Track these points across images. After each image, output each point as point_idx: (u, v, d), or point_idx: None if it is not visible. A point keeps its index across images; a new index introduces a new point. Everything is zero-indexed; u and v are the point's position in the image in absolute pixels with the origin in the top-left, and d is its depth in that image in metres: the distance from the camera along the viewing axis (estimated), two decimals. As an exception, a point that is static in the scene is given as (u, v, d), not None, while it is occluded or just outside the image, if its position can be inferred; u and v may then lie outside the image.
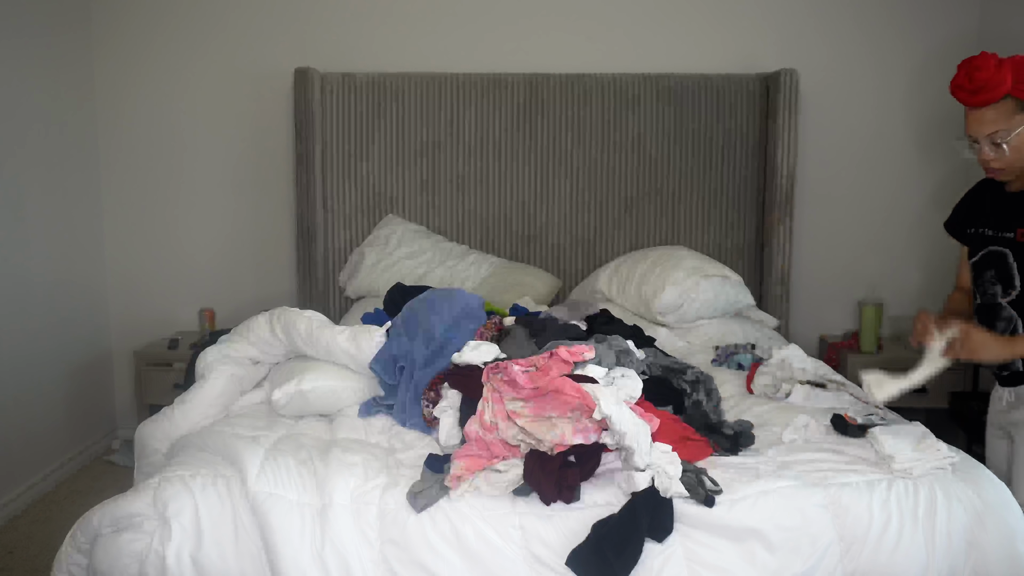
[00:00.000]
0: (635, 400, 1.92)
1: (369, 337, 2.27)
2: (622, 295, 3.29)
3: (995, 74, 1.89)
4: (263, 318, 2.41)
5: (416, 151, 3.64)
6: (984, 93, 1.91)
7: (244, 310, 3.66)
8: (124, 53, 3.75)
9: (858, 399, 2.36)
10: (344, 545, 1.70)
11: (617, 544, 1.64)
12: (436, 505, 1.73)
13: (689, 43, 3.72)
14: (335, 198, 3.65)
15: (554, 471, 1.73)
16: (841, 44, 3.69)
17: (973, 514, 1.74)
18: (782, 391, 2.35)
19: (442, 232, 3.69)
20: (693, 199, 3.66)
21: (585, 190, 3.66)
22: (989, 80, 1.89)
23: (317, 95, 3.53)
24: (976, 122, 1.96)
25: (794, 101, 3.46)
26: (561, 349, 1.98)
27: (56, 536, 1.85)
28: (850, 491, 1.75)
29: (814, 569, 1.70)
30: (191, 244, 3.85)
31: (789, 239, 3.52)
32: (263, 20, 3.72)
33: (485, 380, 1.93)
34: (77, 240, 3.64)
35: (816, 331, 3.83)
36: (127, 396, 3.90)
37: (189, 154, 3.80)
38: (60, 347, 3.50)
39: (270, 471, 1.81)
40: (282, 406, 2.20)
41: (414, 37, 3.72)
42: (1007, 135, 1.92)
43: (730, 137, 3.62)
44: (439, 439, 2.01)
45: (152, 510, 1.73)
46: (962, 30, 3.66)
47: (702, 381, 2.17)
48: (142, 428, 2.27)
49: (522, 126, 3.63)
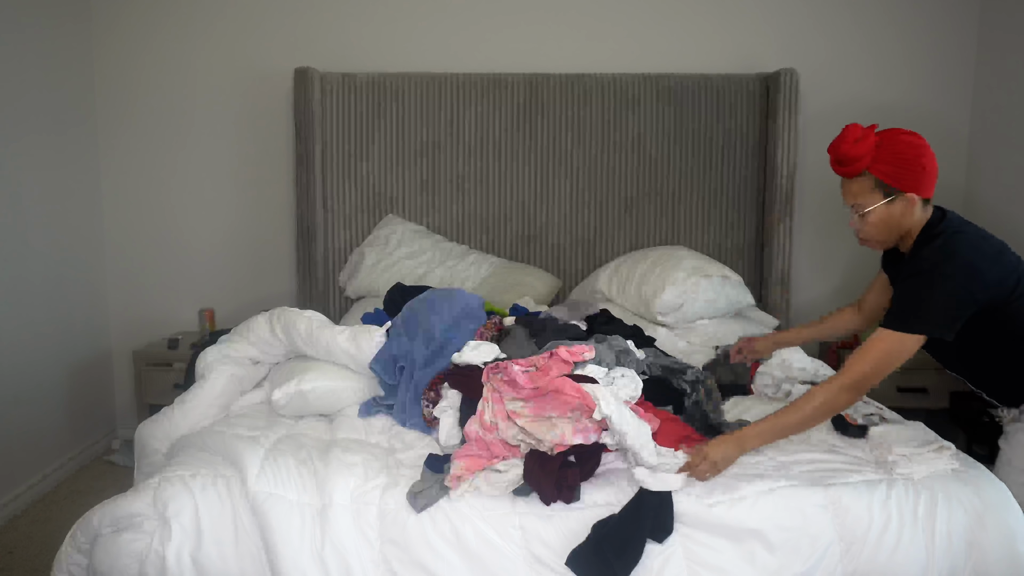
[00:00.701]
0: (635, 400, 1.92)
1: (369, 337, 2.27)
2: (622, 295, 3.29)
3: (853, 148, 1.92)
4: (263, 318, 2.41)
5: (416, 151, 3.64)
6: (847, 166, 1.95)
7: (244, 310, 3.66)
8: (124, 53, 3.75)
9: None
10: (344, 545, 1.70)
11: (618, 545, 1.64)
12: (436, 505, 1.73)
13: (689, 43, 3.72)
14: (335, 198, 3.65)
15: (554, 471, 1.73)
16: (841, 44, 3.69)
17: (973, 514, 1.74)
18: (782, 391, 2.35)
19: (442, 232, 3.69)
20: (693, 199, 3.66)
21: (585, 190, 3.66)
22: (848, 154, 1.93)
23: (317, 95, 3.53)
24: (844, 190, 2.01)
25: (794, 101, 3.46)
26: (561, 349, 1.98)
27: (56, 536, 1.85)
28: (850, 491, 1.75)
29: (814, 569, 1.70)
30: (191, 244, 3.85)
31: (789, 239, 3.52)
32: (263, 20, 3.72)
33: (485, 380, 1.94)
34: (77, 240, 3.64)
35: (816, 331, 3.82)
36: (127, 396, 3.90)
37: (189, 154, 3.80)
38: (60, 347, 3.50)
39: (270, 471, 1.81)
40: (282, 406, 2.20)
41: (414, 37, 3.72)
42: (863, 208, 1.96)
43: (730, 137, 3.63)
44: (439, 439, 2.01)
45: (152, 510, 1.73)
46: (962, 30, 3.67)
47: (702, 381, 2.17)
48: (142, 428, 2.27)
49: (522, 126, 3.63)
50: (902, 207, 1.95)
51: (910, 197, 1.94)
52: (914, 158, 1.93)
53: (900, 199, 1.94)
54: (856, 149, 1.92)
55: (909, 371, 3.43)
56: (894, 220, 1.96)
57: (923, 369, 3.38)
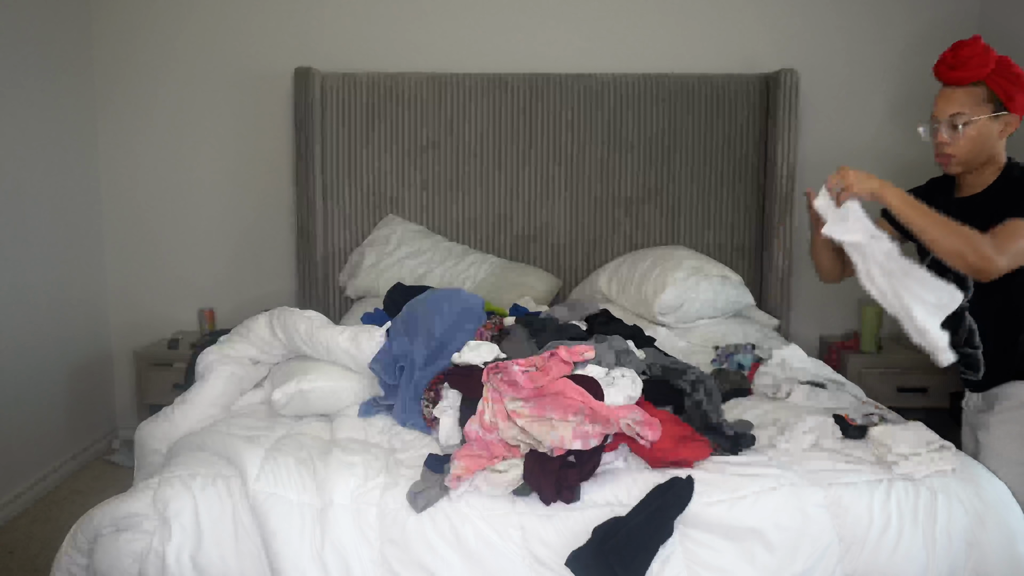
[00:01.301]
0: (635, 400, 1.92)
1: (369, 337, 2.27)
2: (622, 295, 3.29)
3: (980, 55, 1.90)
4: (263, 318, 2.41)
5: (416, 151, 3.64)
6: (962, 70, 1.92)
7: (244, 310, 3.66)
8: (124, 52, 3.75)
9: (858, 400, 2.36)
10: (344, 545, 1.70)
11: (627, 558, 1.62)
12: (436, 505, 1.73)
13: (689, 43, 3.72)
14: (335, 198, 3.65)
15: (554, 471, 1.73)
16: (841, 44, 3.69)
17: (973, 514, 1.74)
18: (782, 391, 2.35)
19: (442, 232, 3.69)
20: (693, 199, 3.66)
21: (585, 190, 3.66)
22: (971, 59, 1.90)
23: (317, 95, 3.53)
24: (944, 100, 1.98)
25: (794, 101, 3.46)
26: (561, 349, 1.98)
27: (56, 536, 1.85)
28: (850, 491, 1.75)
29: (814, 569, 1.70)
30: (191, 244, 3.85)
31: (789, 239, 3.53)
32: (263, 20, 3.72)
33: (485, 380, 1.93)
34: (77, 240, 3.64)
35: (816, 331, 3.83)
36: (127, 396, 3.90)
37: (189, 153, 3.80)
38: (60, 347, 3.50)
39: (270, 471, 1.81)
40: (282, 406, 2.20)
41: (414, 37, 3.72)
42: (966, 119, 1.94)
43: (730, 137, 3.63)
44: (439, 439, 2.01)
45: (152, 510, 1.73)
46: (962, 30, 3.66)
47: (702, 381, 2.17)
48: (142, 428, 2.27)
49: (522, 126, 3.63)
50: (1002, 126, 1.95)
51: (1012, 118, 1.94)
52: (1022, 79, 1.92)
53: (1004, 117, 1.94)
54: (984, 56, 1.90)
55: (909, 371, 3.43)
56: (991, 139, 1.95)
57: (923, 369, 3.38)
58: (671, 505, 1.70)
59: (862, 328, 3.54)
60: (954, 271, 1.98)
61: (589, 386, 1.86)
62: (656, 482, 1.74)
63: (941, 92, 2.00)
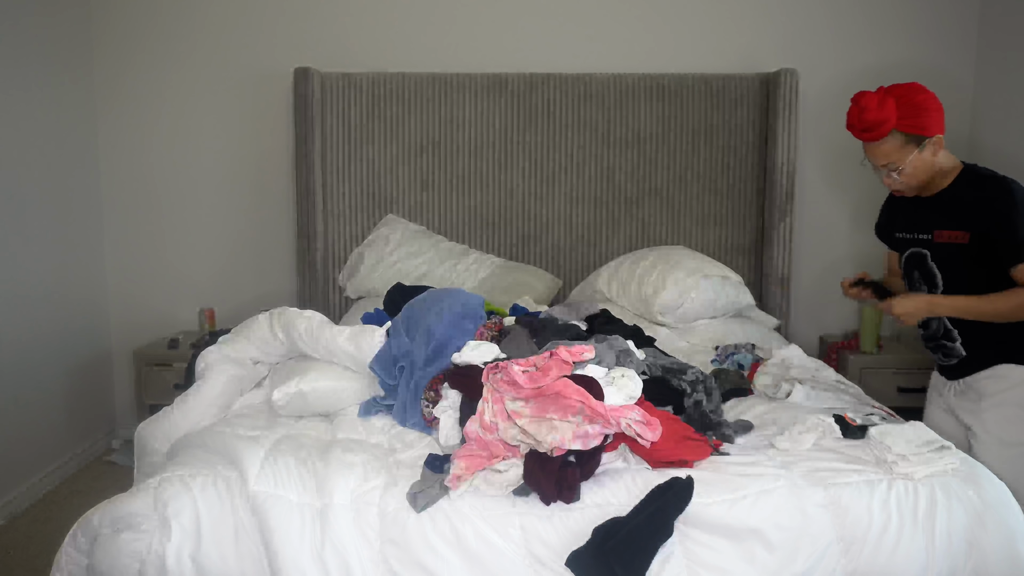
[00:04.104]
0: (635, 400, 1.92)
1: (369, 337, 2.27)
2: (622, 295, 3.29)
3: (878, 113, 2.05)
4: (263, 318, 2.41)
5: (416, 151, 3.64)
6: (872, 131, 2.08)
7: (244, 310, 3.66)
8: (124, 53, 3.75)
9: (858, 400, 2.36)
10: (344, 545, 1.70)
11: (627, 558, 1.62)
12: (436, 505, 1.73)
13: (689, 43, 3.72)
14: (335, 198, 3.65)
15: (554, 471, 1.73)
16: (841, 44, 3.69)
17: (973, 514, 1.74)
18: (782, 391, 2.35)
19: (442, 232, 3.69)
20: (693, 199, 3.66)
21: (585, 190, 3.66)
22: (873, 120, 2.06)
23: (317, 95, 3.53)
24: (871, 154, 2.15)
25: (794, 101, 3.46)
26: (561, 349, 1.98)
27: (56, 536, 1.85)
28: (850, 491, 1.75)
29: (814, 569, 1.70)
30: (191, 244, 3.85)
31: (789, 239, 3.53)
32: (263, 20, 3.72)
33: (485, 380, 1.93)
34: (77, 240, 3.64)
35: (816, 331, 3.83)
36: (127, 396, 3.90)
37: (189, 154, 3.80)
38: (60, 347, 3.50)
39: (270, 471, 1.81)
40: (282, 406, 2.20)
41: (414, 37, 3.72)
42: (898, 166, 2.11)
43: (730, 137, 3.63)
44: (439, 439, 2.01)
45: (152, 510, 1.73)
46: (962, 29, 3.67)
47: (702, 381, 2.17)
48: (142, 428, 2.27)
49: (522, 126, 3.63)
50: (932, 149, 2.11)
51: (936, 139, 2.10)
52: (927, 102, 2.08)
53: (928, 143, 2.09)
54: (881, 113, 2.05)
55: (909, 371, 3.43)
56: (928, 163, 2.12)
57: (923, 369, 3.38)
58: (671, 505, 1.70)
59: (862, 328, 3.54)
60: (921, 271, 2.22)
61: (589, 386, 1.86)
62: (656, 482, 1.74)
63: (866, 147, 2.16)
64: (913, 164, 2.11)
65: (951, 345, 2.24)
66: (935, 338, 2.27)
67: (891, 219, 2.38)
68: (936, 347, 2.29)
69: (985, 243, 2.08)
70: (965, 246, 2.11)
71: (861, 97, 2.08)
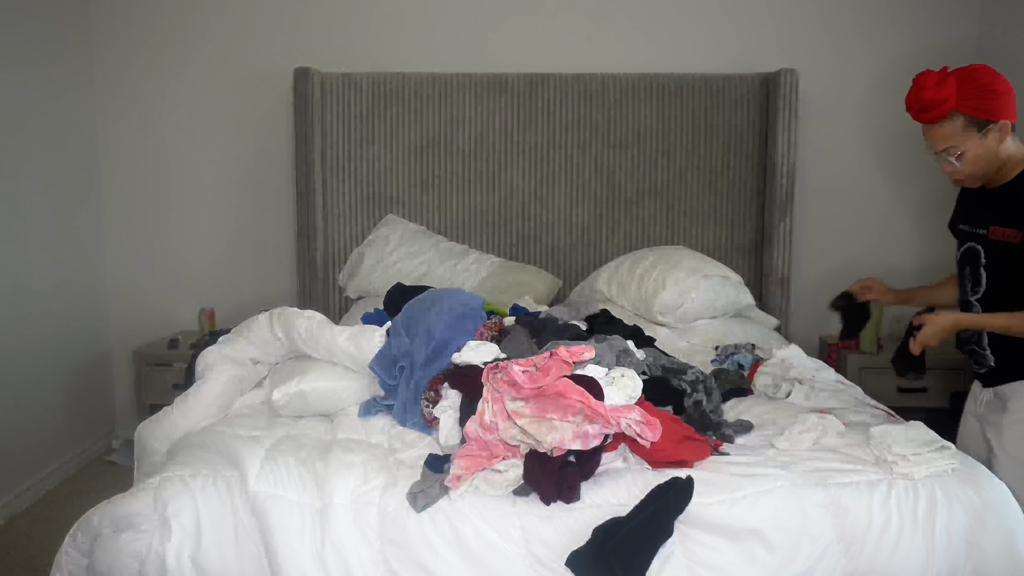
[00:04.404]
0: (635, 400, 1.92)
1: (369, 337, 2.27)
2: (622, 295, 3.29)
3: (936, 92, 1.95)
4: (263, 318, 2.41)
5: (416, 151, 3.64)
6: (930, 111, 1.97)
7: (244, 310, 3.65)
8: (124, 53, 3.75)
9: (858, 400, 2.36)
10: (344, 545, 1.70)
11: (626, 558, 1.62)
12: (436, 505, 1.73)
13: (689, 43, 3.72)
14: (335, 198, 3.65)
15: (554, 471, 1.73)
16: (841, 44, 3.69)
17: (973, 514, 1.74)
18: (782, 391, 2.35)
19: (442, 232, 3.69)
20: (693, 199, 3.66)
21: (585, 190, 3.66)
22: (932, 99, 1.95)
23: (317, 95, 3.53)
24: (931, 138, 2.03)
25: (794, 101, 3.46)
26: (561, 349, 1.98)
27: (56, 536, 1.85)
28: (850, 491, 1.75)
29: (814, 569, 1.70)
30: (191, 244, 3.85)
31: (789, 239, 3.53)
32: (263, 20, 3.72)
33: (485, 380, 1.93)
34: (77, 240, 3.64)
35: (816, 331, 3.83)
36: (127, 396, 3.90)
37: (189, 154, 3.80)
38: (60, 347, 3.50)
39: (270, 471, 1.81)
40: (282, 406, 2.19)
41: (414, 37, 3.72)
42: (958, 151, 1.99)
43: (730, 137, 3.63)
44: (439, 439, 2.01)
45: (152, 510, 1.73)
46: (962, 29, 3.67)
47: (702, 381, 2.17)
48: (142, 428, 2.26)
49: (522, 126, 3.63)
50: (996, 136, 1.97)
51: (1002, 124, 1.96)
52: (994, 84, 1.96)
53: (992, 129, 1.96)
54: (940, 92, 1.94)
55: (909, 371, 3.42)
56: (992, 152, 1.98)
57: (923, 369, 3.38)
58: (671, 505, 1.69)
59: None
60: (971, 268, 2.09)
61: (589, 386, 1.86)
62: (656, 482, 1.74)
63: (924, 130, 2.04)
64: (974, 150, 1.97)
65: (981, 351, 2.15)
66: (968, 342, 2.19)
67: (959, 210, 2.25)
68: (969, 352, 2.20)
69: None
70: (1016, 246, 1.97)
71: (920, 76, 1.99)
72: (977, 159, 1.99)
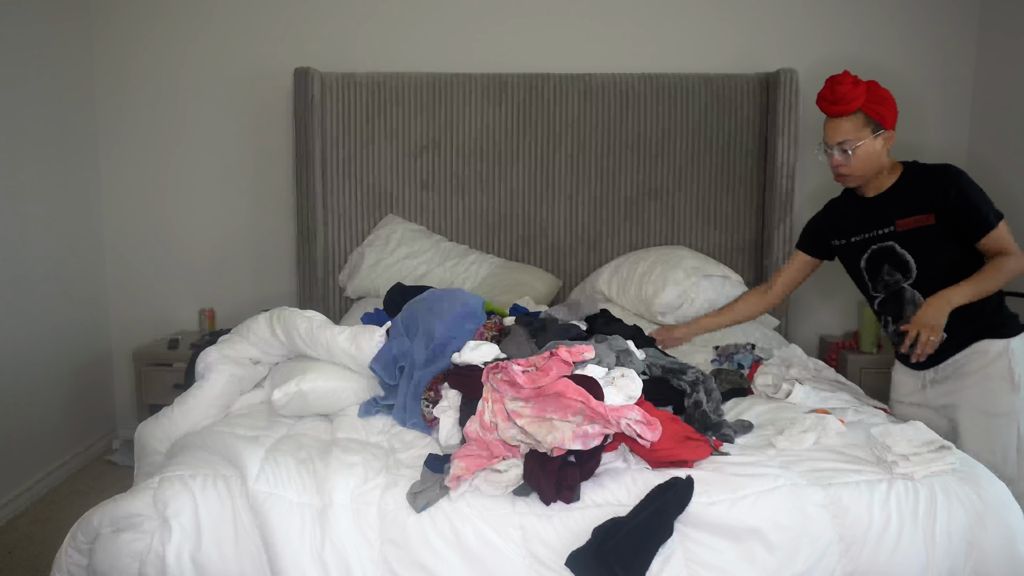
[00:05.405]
0: (635, 400, 1.92)
1: (369, 337, 2.27)
2: (622, 295, 3.29)
3: (851, 89, 2.23)
4: (263, 318, 2.41)
5: (416, 151, 3.64)
6: (840, 105, 2.25)
7: (244, 310, 3.66)
8: (124, 53, 3.75)
9: (857, 399, 2.36)
10: (344, 545, 1.70)
11: (626, 558, 1.62)
12: (436, 505, 1.73)
13: (689, 43, 3.72)
14: (335, 198, 3.65)
15: (554, 471, 1.73)
16: (841, 44, 3.69)
17: (973, 514, 1.74)
18: (782, 391, 2.35)
19: (442, 232, 3.69)
20: (693, 199, 3.66)
21: (585, 190, 3.66)
22: (846, 94, 2.23)
23: (317, 95, 3.53)
24: (831, 130, 2.30)
25: (794, 101, 3.46)
26: (561, 349, 1.98)
27: (56, 536, 1.86)
28: (850, 491, 1.75)
29: (814, 569, 1.70)
30: (191, 244, 3.85)
31: (789, 239, 3.52)
32: (263, 20, 3.72)
33: (485, 380, 1.93)
34: (77, 240, 3.64)
35: (816, 331, 3.83)
36: (127, 396, 3.90)
37: (189, 154, 3.80)
38: (60, 347, 3.50)
39: (270, 471, 1.81)
40: (282, 406, 2.20)
41: (414, 37, 3.72)
42: (853, 145, 2.26)
43: (730, 137, 3.63)
44: (439, 439, 2.01)
45: (152, 510, 1.73)
46: (962, 29, 3.67)
47: (702, 381, 2.17)
48: (142, 428, 2.27)
49: (522, 126, 3.63)
50: (883, 142, 2.28)
51: (890, 133, 2.29)
52: (889, 98, 2.28)
53: (883, 135, 2.28)
54: (854, 90, 2.24)
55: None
56: (878, 154, 2.29)
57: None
58: (671, 505, 1.70)
59: (862, 328, 3.54)
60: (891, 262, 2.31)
61: (589, 386, 1.86)
62: (656, 482, 1.74)
63: (827, 122, 2.31)
64: (866, 148, 2.26)
65: None
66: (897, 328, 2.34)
67: (834, 228, 2.49)
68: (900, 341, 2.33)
69: (948, 222, 2.21)
70: (933, 226, 2.23)
71: (839, 75, 2.27)
72: (867, 157, 2.27)
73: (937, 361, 2.30)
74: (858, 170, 2.30)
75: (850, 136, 2.25)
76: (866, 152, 2.27)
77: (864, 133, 2.25)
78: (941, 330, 2.15)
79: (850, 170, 2.30)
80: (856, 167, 2.29)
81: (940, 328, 2.15)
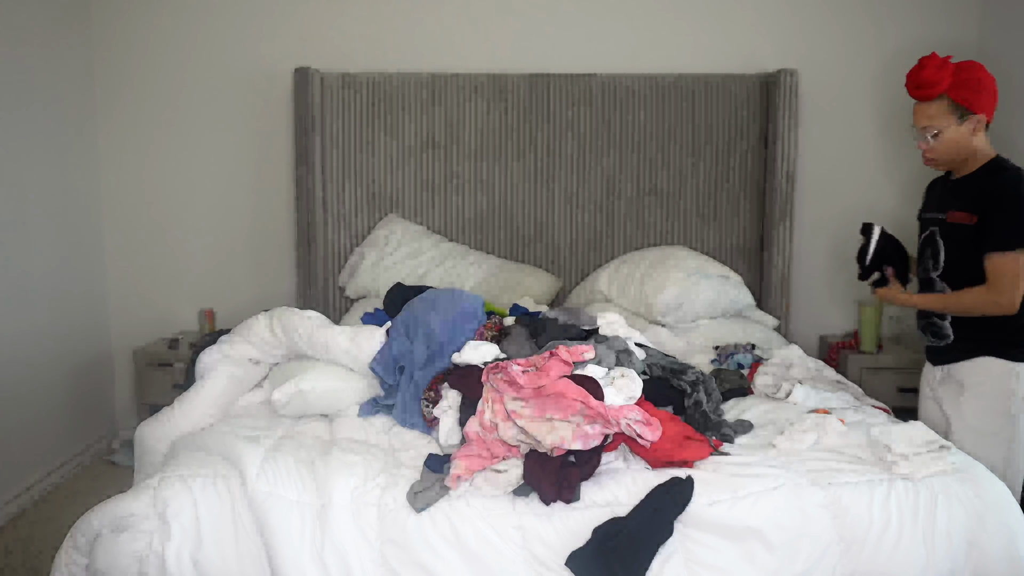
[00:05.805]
0: (635, 400, 1.92)
1: (369, 337, 2.27)
2: (622, 295, 3.29)
3: (934, 74, 2.17)
4: (263, 318, 2.41)
5: (416, 151, 3.64)
6: (924, 89, 2.20)
7: (244, 310, 3.66)
8: (124, 53, 3.74)
9: (858, 399, 2.36)
10: (344, 545, 1.70)
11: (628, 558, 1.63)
12: (436, 505, 1.73)
13: (689, 43, 3.71)
14: (335, 198, 3.65)
15: (554, 471, 1.73)
16: (841, 44, 3.69)
17: (973, 514, 1.74)
18: (782, 391, 2.35)
19: (442, 232, 3.69)
20: (693, 199, 3.66)
21: (585, 190, 3.66)
22: (929, 78, 2.18)
23: (317, 95, 3.53)
24: (917, 114, 2.26)
25: (794, 101, 3.46)
26: (561, 349, 1.98)
27: (56, 536, 1.85)
28: (850, 491, 1.75)
29: (814, 569, 1.70)
30: (191, 244, 3.85)
31: (789, 239, 3.52)
32: (263, 20, 3.72)
33: (485, 380, 1.93)
34: (77, 240, 3.64)
35: (816, 331, 3.83)
36: (127, 396, 3.90)
37: (189, 154, 3.80)
38: (60, 347, 3.49)
39: (270, 471, 1.81)
40: (282, 406, 2.20)
41: (414, 37, 3.72)
42: (935, 130, 2.20)
43: (730, 137, 3.62)
44: (439, 439, 2.01)
45: (152, 510, 1.73)
46: (962, 29, 3.66)
47: (702, 381, 2.18)
48: (142, 428, 2.27)
49: (522, 126, 3.63)
50: (971, 127, 2.19)
51: (979, 117, 2.18)
52: (983, 82, 2.18)
53: (970, 120, 2.18)
54: (937, 74, 2.16)
55: (909, 371, 3.43)
56: (964, 139, 2.20)
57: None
58: (671, 505, 1.70)
59: (862, 328, 3.53)
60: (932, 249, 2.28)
61: (589, 386, 1.86)
62: (656, 482, 1.74)
63: (915, 106, 2.27)
64: (950, 134, 2.18)
65: (941, 323, 2.27)
66: (927, 315, 2.32)
67: (925, 202, 2.45)
68: (927, 325, 2.32)
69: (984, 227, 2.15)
70: (972, 227, 2.16)
71: (925, 57, 2.19)
72: (950, 143, 2.20)
73: (944, 361, 2.29)
74: (943, 155, 2.24)
75: (933, 122, 2.20)
76: (951, 138, 2.20)
77: (948, 120, 2.18)
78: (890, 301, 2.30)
79: (935, 155, 2.24)
80: (940, 152, 2.23)
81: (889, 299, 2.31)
